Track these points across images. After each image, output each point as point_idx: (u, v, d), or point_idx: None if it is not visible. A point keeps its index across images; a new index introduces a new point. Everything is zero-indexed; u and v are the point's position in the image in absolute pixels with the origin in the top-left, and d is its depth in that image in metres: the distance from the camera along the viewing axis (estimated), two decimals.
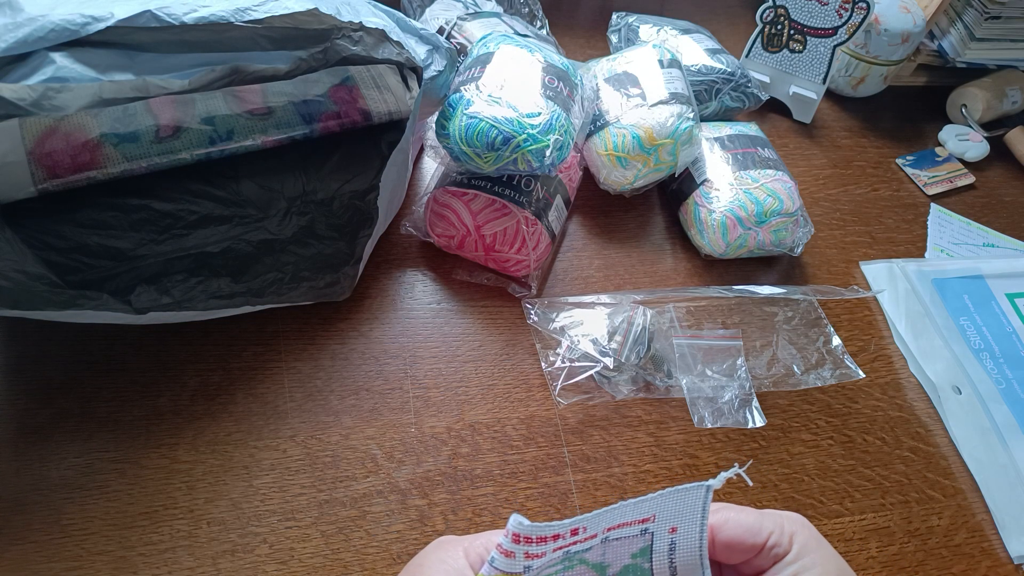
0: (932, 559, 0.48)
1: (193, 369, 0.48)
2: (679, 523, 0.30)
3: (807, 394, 0.55)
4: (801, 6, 0.73)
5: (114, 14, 0.38)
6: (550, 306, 0.55)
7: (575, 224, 0.63)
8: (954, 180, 0.77)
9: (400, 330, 0.53)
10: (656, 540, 0.31)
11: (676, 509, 0.30)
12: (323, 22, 0.45)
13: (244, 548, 0.42)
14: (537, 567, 0.30)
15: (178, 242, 0.48)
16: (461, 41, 0.67)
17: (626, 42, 0.78)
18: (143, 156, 0.49)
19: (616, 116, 0.59)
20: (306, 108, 0.54)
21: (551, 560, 0.30)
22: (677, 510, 0.30)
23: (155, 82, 0.44)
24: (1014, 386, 0.57)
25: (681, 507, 0.30)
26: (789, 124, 0.79)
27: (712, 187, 0.60)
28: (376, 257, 0.56)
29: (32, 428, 0.44)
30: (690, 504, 0.30)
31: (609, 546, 0.31)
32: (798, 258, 0.65)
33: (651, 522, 0.30)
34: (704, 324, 0.57)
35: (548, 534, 0.29)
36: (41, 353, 0.47)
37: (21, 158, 0.47)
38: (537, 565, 0.30)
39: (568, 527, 0.29)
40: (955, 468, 0.53)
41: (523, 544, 0.30)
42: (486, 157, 0.50)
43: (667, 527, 0.30)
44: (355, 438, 0.47)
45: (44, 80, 0.38)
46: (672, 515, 0.30)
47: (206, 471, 0.44)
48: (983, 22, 0.78)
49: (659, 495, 0.29)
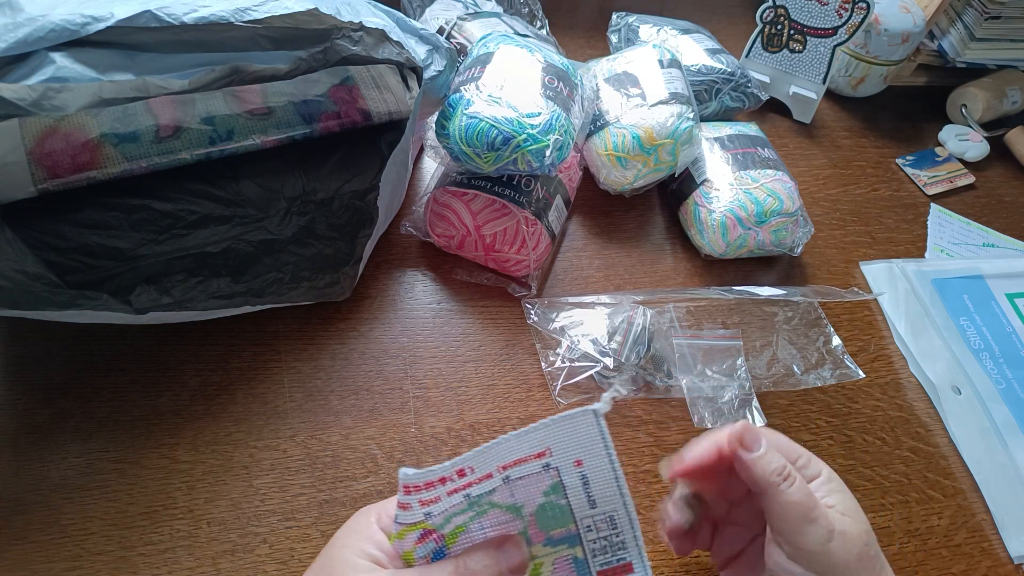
0: (932, 559, 0.48)
1: (193, 369, 0.48)
2: (582, 456, 0.30)
3: (807, 394, 0.55)
4: (801, 6, 0.73)
5: (114, 14, 0.38)
6: (550, 306, 0.55)
7: (575, 224, 0.63)
8: (954, 180, 0.77)
9: (400, 330, 0.53)
10: (564, 476, 0.30)
11: (570, 440, 0.30)
12: (323, 22, 0.45)
13: (244, 548, 0.42)
14: (438, 512, 0.30)
15: (178, 242, 0.48)
16: (461, 41, 0.67)
17: (626, 42, 0.78)
18: (143, 156, 0.49)
19: (616, 116, 0.59)
20: (306, 108, 0.54)
21: (452, 505, 0.30)
22: (572, 441, 0.30)
23: (155, 82, 0.44)
24: (1014, 386, 0.57)
25: (575, 438, 0.30)
26: (789, 124, 0.79)
27: (712, 187, 0.60)
28: (376, 257, 0.56)
29: (32, 428, 0.44)
30: (585, 435, 0.29)
31: (514, 486, 0.31)
32: (798, 258, 0.65)
33: (549, 456, 0.30)
34: (704, 324, 0.57)
35: (434, 478, 0.30)
36: (41, 353, 0.47)
37: (21, 158, 0.47)
38: (437, 511, 0.30)
39: (452, 469, 0.30)
40: (955, 468, 0.53)
41: (414, 493, 0.30)
42: (486, 157, 0.50)
43: (570, 460, 0.30)
44: (355, 438, 0.47)
45: (44, 80, 0.38)
46: (569, 447, 0.30)
47: (206, 471, 0.44)
48: (983, 22, 0.78)
49: (541, 424, 0.29)
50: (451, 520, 0.31)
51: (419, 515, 0.30)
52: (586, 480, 0.31)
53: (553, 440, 0.30)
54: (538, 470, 0.30)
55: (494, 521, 0.31)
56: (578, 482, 0.31)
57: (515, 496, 0.31)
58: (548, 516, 0.31)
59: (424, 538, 0.31)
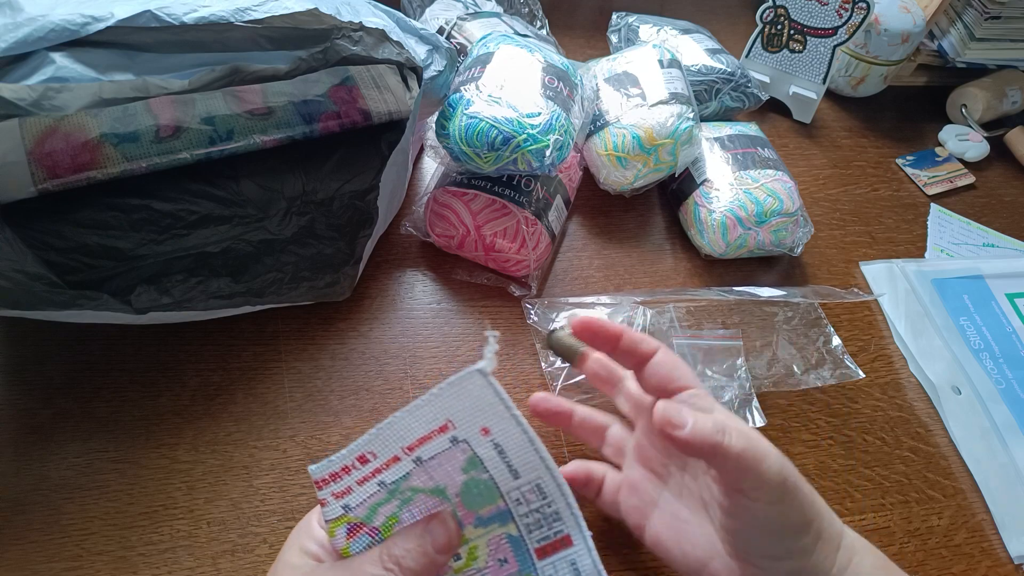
0: (932, 559, 0.48)
1: (193, 369, 0.48)
2: (487, 422, 0.29)
3: (807, 394, 0.55)
4: (801, 6, 0.73)
5: (114, 14, 0.38)
6: (550, 306, 0.55)
7: (575, 224, 0.63)
8: (954, 180, 0.77)
9: (400, 330, 0.53)
10: (476, 448, 0.29)
11: (467, 407, 0.28)
12: (323, 22, 0.45)
13: (244, 548, 0.42)
14: (356, 504, 0.30)
15: (178, 242, 0.48)
16: (461, 41, 0.67)
17: (626, 42, 0.78)
18: (143, 156, 0.49)
19: (616, 116, 0.59)
20: (306, 108, 0.54)
21: (370, 495, 0.30)
22: (470, 408, 0.28)
23: (155, 82, 0.44)
24: (1014, 386, 0.57)
25: (471, 404, 0.28)
26: (789, 124, 0.79)
27: (712, 187, 0.60)
28: (376, 257, 0.56)
29: (32, 428, 0.44)
30: (480, 399, 0.28)
31: (429, 467, 0.30)
32: (798, 258, 0.65)
33: (453, 429, 0.29)
34: (704, 324, 0.57)
35: (336, 468, 0.30)
36: (41, 353, 0.47)
37: (21, 158, 0.47)
38: (355, 502, 0.30)
39: (351, 456, 0.29)
40: (955, 468, 0.53)
41: (325, 487, 0.30)
42: (486, 157, 0.50)
43: (476, 430, 0.29)
44: (355, 438, 0.47)
45: (44, 80, 0.38)
46: (469, 415, 0.28)
47: (206, 471, 0.44)
48: (983, 22, 0.78)
49: (430, 395, 0.28)
50: (377, 511, 0.30)
51: (338, 509, 0.30)
52: (500, 448, 0.29)
53: (450, 411, 0.28)
54: (447, 446, 0.29)
55: (423, 508, 0.30)
56: (493, 452, 0.29)
57: (434, 478, 0.30)
58: (474, 494, 0.30)
59: (354, 532, 0.30)
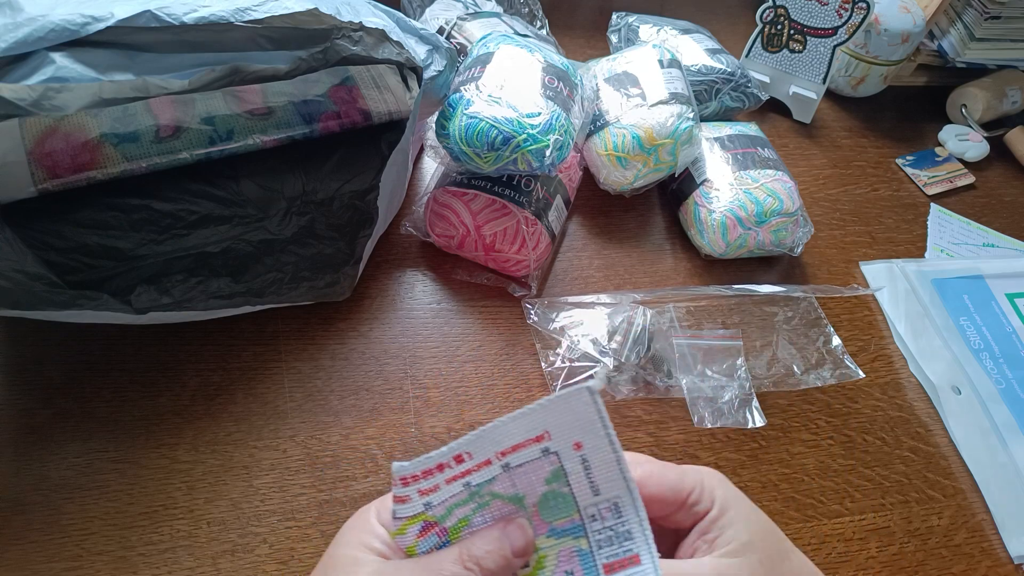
0: (932, 559, 0.48)
1: (193, 369, 0.48)
2: (581, 438, 0.29)
3: (807, 394, 0.55)
4: (801, 6, 0.73)
5: (114, 14, 0.38)
6: (550, 306, 0.55)
7: (575, 224, 0.63)
8: (954, 180, 0.77)
9: (400, 330, 0.53)
10: (565, 461, 0.30)
11: (567, 422, 0.28)
12: (323, 22, 0.45)
13: (244, 548, 0.42)
14: (438, 502, 0.30)
15: (178, 242, 0.48)
16: (461, 41, 0.67)
17: (626, 42, 0.78)
18: (143, 156, 0.49)
19: (616, 116, 0.59)
20: (306, 108, 0.54)
21: (453, 495, 0.30)
22: (570, 423, 0.28)
23: (155, 82, 0.44)
24: (1014, 386, 0.57)
25: (572, 419, 0.28)
26: (789, 124, 0.79)
27: (712, 187, 0.60)
28: (376, 257, 0.56)
29: (32, 428, 0.44)
30: (582, 415, 0.28)
31: (515, 474, 0.30)
32: (798, 258, 0.65)
33: (548, 440, 0.29)
34: (704, 324, 0.57)
35: (431, 465, 0.29)
36: (41, 353, 0.47)
37: (21, 158, 0.47)
38: (437, 500, 0.30)
39: (449, 455, 0.29)
40: (955, 468, 0.53)
41: (412, 484, 0.30)
42: (486, 157, 0.50)
43: (569, 444, 0.29)
44: (355, 438, 0.47)
45: (44, 80, 0.38)
46: (567, 429, 0.29)
47: (206, 471, 0.44)
48: (983, 22, 0.78)
49: (537, 405, 0.28)
50: (453, 512, 0.30)
51: (419, 506, 0.30)
52: (587, 464, 0.30)
53: (550, 422, 0.29)
54: (538, 456, 0.30)
55: (496, 513, 0.31)
56: (579, 467, 0.30)
57: (516, 486, 0.30)
58: (551, 506, 0.31)
59: (426, 531, 0.30)
